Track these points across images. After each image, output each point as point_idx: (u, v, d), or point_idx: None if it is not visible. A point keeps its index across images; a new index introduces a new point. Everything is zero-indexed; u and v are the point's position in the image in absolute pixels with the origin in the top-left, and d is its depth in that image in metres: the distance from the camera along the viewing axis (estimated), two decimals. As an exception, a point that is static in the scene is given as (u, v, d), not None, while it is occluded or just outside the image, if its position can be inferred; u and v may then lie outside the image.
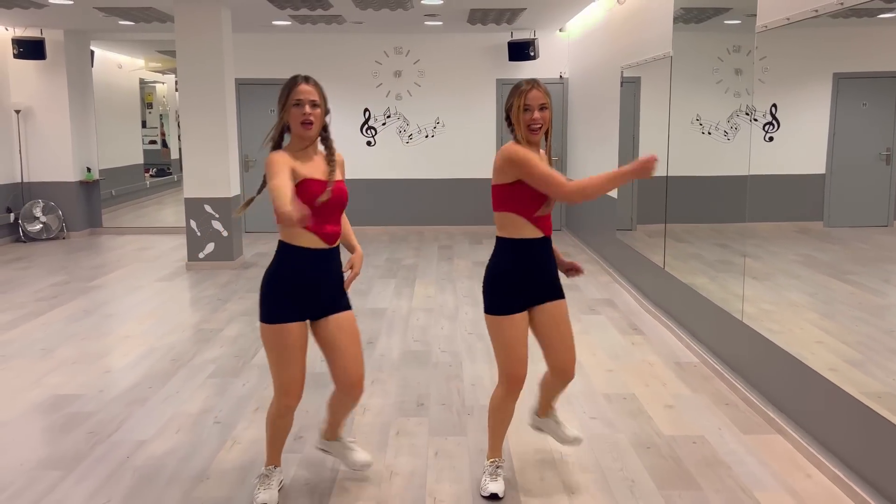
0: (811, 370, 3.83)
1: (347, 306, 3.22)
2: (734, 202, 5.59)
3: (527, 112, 3.07)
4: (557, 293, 3.28)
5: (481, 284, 3.27)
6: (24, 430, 4.09)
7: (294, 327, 3.04)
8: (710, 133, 5.85)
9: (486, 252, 9.41)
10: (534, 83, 3.11)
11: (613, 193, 7.95)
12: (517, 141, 3.12)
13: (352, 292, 7.13)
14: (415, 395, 4.56)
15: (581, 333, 5.78)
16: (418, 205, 11.27)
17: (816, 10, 3.72)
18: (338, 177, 3.13)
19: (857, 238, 4.52)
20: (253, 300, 6.93)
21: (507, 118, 3.18)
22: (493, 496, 3.29)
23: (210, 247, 8.46)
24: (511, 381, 3.22)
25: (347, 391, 3.23)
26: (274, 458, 3.35)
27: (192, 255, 8.49)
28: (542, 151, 3.21)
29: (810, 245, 5.13)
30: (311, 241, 3.03)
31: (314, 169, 3.04)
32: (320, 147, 3.17)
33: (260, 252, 9.42)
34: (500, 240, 3.20)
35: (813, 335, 4.35)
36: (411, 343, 5.63)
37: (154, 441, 3.92)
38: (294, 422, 3.32)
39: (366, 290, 7.35)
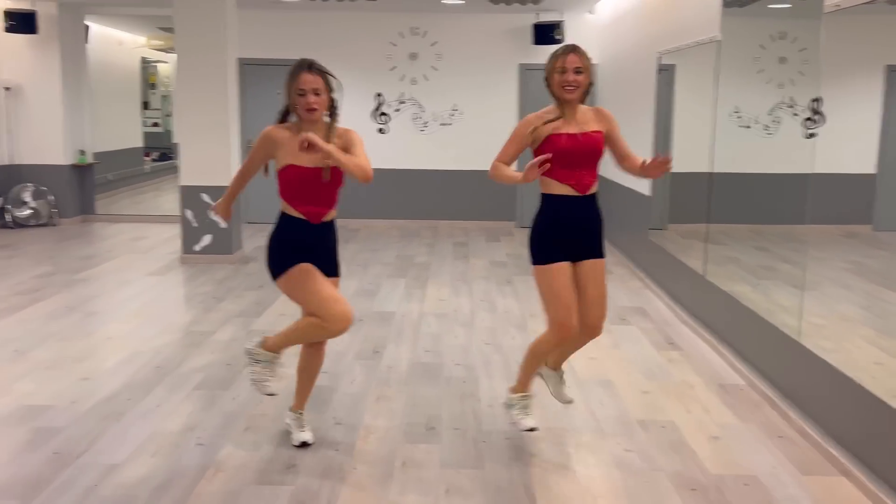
0: (875, 398, 3.43)
1: (335, 273, 3.66)
2: (776, 202, 5.28)
3: (564, 74, 3.41)
4: (596, 252, 3.58)
5: (500, 284, 3.78)
6: (-18, 447, 3.74)
7: (301, 265, 3.48)
8: (749, 127, 5.56)
9: (503, 251, 9.03)
10: (572, 47, 3.46)
11: (646, 190, 7.54)
12: (556, 105, 3.54)
13: (357, 293, 6.79)
14: (424, 417, 4.18)
15: (611, 347, 5.38)
16: (432, 197, 10.88)
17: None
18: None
19: (911, 243, 4.31)
20: (250, 299, 6.57)
21: (547, 82, 3.52)
22: (533, 429, 3.67)
23: (207, 239, 8.10)
24: (561, 329, 3.49)
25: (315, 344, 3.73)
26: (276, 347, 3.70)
27: (187, 248, 8.13)
28: (586, 109, 3.60)
29: (859, 251, 4.89)
30: (297, 215, 3.53)
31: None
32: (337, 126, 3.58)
33: (261, 245, 9.04)
34: (541, 195, 3.59)
35: (871, 355, 4.02)
36: (421, 354, 5.25)
37: (126, 466, 3.56)
38: (288, 449, 3.03)
39: (373, 291, 6.97)
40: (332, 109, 3.53)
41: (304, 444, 3.72)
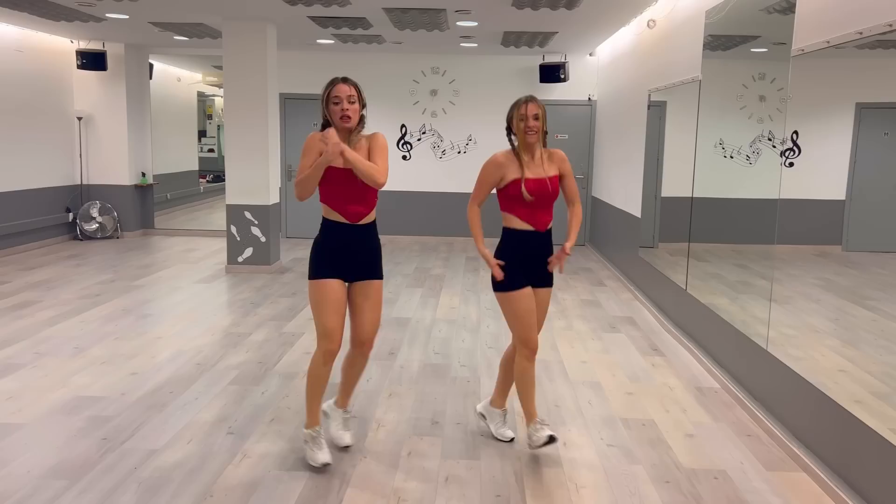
0: (834, 403, 3.37)
1: (377, 276, 3.47)
2: (756, 224, 5.22)
3: (525, 120, 3.48)
4: (547, 281, 3.64)
5: None
6: (40, 433, 3.76)
7: (331, 282, 3.33)
8: (732, 157, 5.51)
9: (511, 264, 8.98)
10: (530, 98, 3.53)
11: (636, 211, 7.49)
12: (513, 147, 3.60)
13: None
14: (430, 412, 4.15)
15: (601, 352, 5.33)
16: (449, 216, 10.87)
17: (861, 33, 3.25)
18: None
19: (876, 263, 4.21)
20: (284, 305, 6.59)
21: (508, 127, 3.60)
22: (512, 439, 3.75)
23: (248, 251, 8.15)
24: (527, 345, 3.52)
25: (358, 347, 3.50)
26: (315, 417, 3.45)
27: (232, 259, 8.18)
28: (542, 151, 3.62)
29: (829, 269, 4.80)
30: (338, 217, 3.36)
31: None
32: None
33: (297, 258, 9.09)
34: (503, 229, 3.67)
35: (835, 363, 3.93)
36: (431, 356, 5.23)
37: (164, 451, 3.57)
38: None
39: (393, 299, 6.97)
40: (360, 119, 3.41)
41: (345, 447, 3.58)
